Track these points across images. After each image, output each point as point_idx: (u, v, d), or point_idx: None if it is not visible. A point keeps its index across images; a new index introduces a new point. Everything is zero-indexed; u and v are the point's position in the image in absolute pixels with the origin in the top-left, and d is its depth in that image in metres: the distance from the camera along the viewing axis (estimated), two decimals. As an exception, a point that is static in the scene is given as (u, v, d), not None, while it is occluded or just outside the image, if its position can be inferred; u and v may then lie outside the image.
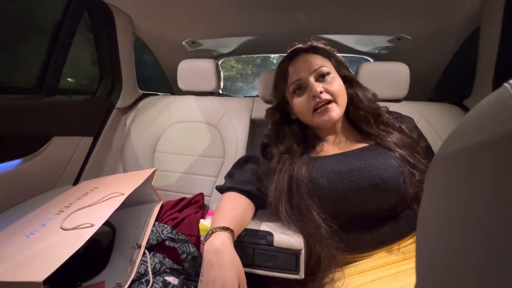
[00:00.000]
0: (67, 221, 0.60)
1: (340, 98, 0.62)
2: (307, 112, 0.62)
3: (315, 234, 0.52)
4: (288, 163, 0.60)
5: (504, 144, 0.12)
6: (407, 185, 0.53)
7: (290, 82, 0.64)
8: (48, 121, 0.88)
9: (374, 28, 1.14)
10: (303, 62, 0.63)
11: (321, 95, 0.60)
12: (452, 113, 0.93)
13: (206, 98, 1.13)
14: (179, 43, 1.31)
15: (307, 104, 0.62)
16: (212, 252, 0.45)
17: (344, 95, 0.63)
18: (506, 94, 0.14)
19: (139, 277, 0.65)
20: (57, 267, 0.46)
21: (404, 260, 0.53)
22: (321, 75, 0.62)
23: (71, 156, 0.98)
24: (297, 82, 0.63)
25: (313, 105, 0.61)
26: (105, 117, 1.10)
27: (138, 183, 0.74)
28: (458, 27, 0.98)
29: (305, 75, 0.62)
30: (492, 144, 0.13)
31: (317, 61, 0.63)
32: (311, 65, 0.62)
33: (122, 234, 0.78)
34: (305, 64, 0.63)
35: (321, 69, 0.62)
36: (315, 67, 0.62)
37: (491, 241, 0.13)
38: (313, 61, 0.63)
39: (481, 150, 0.14)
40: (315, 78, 0.62)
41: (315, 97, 0.60)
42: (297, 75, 0.63)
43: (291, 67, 0.65)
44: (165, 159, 1.06)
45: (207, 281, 0.41)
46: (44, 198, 0.80)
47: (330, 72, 0.63)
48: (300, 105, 0.63)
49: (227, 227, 0.49)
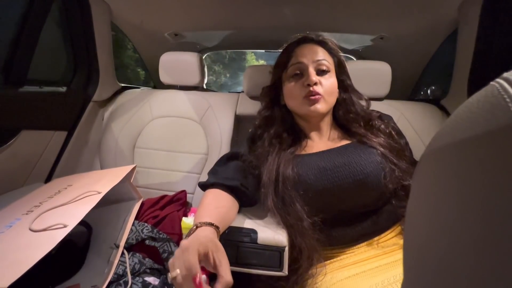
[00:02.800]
0: (36, 221, 0.56)
1: (330, 97, 0.63)
2: (297, 98, 0.63)
3: (297, 225, 0.53)
4: (277, 150, 0.61)
5: (495, 140, 0.13)
6: (387, 180, 0.55)
7: (290, 63, 0.65)
8: (15, 113, 0.82)
9: (358, 27, 1.15)
10: (309, 50, 0.64)
11: (315, 87, 0.61)
12: (430, 112, 0.97)
13: (190, 93, 1.10)
14: (161, 34, 1.26)
15: (299, 90, 0.63)
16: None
17: (335, 96, 0.65)
18: (495, 92, 0.14)
19: (117, 278, 0.62)
20: (24, 272, 0.43)
21: (384, 254, 0.55)
22: (320, 70, 0.63)
23: (42, 152, 0.92)
24: (297, 65, 0.64)
25: (304, 92, 0.62)
26: (80, 110, 1.04)
27: (117, 180, 0.71)
28: (437, 28, 1.02)
29: (307, 61, 0.63)
30: (482, 139, 0.13)
31: (321, 54, 0.64)
32: (315, 54, 0.63)
33: (99, 234, 0.75)
34: (309, 51, 0.64)
35: (322, 62, 0.63)
36: (318, 58, 0.63)
37: (477, 237, 0.13)
38: (318, 51, 0.64)
39: (469, 146, 0.14)
40: (314, 69, 0.63)
41: (308, 85, 0.61)
42: (299, 59, 0.64)
43: (296, 51, 0.65)
44: (145, 155, 1.02)
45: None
46: (11, 197, 0.74)
47: (330, 70, 0.64)
48: (292, 90, 0.64)
49: (212, 223, 0.48)
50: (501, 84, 0.14)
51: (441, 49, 1.10)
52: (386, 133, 0.65)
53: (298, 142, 0.65)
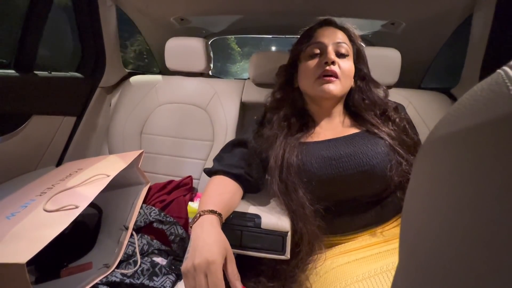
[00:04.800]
0: (50, 202, 0.58)
1: (346, 79, 0.62)
2: (311, 77, 0.62)
3: (299, 211, 0.54)
4: (284, 134, 0.61)
5: (494, 130, 0.12)
6: (393, 172, 0.54)
7: (310, 43, 0.64)
8: (26, 98, 0.83)
9: (369, 12, 1.11)
10: (330, 32, 0.64)
11: (332, 66, 0.60)
12: (440, 102, 0.94)
13: (195, 79, 1.09)
14: (167, 19, 1.24)
15: (316, 69, 0.62)
16: (199, 232, 0.46)
17: (350, 80, 0.64)
18: (499, 79, 0.13)
19: (127, 257, 0.65)
20: (41, 248, 0.45)
21: (385, 241, 0.56)
22: (340, 52, 0.62)
23: (53, 136, 0.94)
24: (316, 44, 0.63)
25: (320, 71, 0.61)
26: (88, 96, 1.05)
27: (124, 165, 0.73)
28: (451, 13, 0.98)
29: (327, 41, 0.62)
30: (483, 129, 0.13)
31: (342, 37, 0.63)
32: (336, 36, 0.63)
33: (108, 216, 0.78)
34: (331, 33, 0.64)
35: (342, 45, 0.62)
36: (339, 40, 0.63)
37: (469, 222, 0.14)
38: (339, 35, 0.64)
39: (471, 135, 0.14)
40: (334, 50, 0.62)
41: (326, 63, 0.60)
42: (319, 39, 0.63)
43: (318, 32, 0.65)
44: (152, 141, 1.04)
45: (193, 259, 0.42)
46: (25, 180, 0.77)
47: (349, 54, 0.63)
48: (308, 68, 0.63)
49: (215, 210, 0.49)
50: (506, 71, 0.13)
51: (453, 36, 1.06)
52: (400, 126, 0.63)
53: (305, 129, 0.64)
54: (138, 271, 0.62)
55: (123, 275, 0.60)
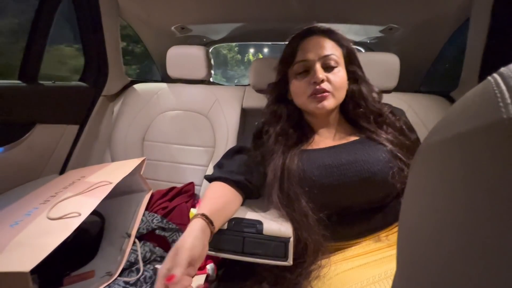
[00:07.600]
0: (53, 210, 0.59)
1: (338, 92, 0.61)
2: (303, 95, 0.62)
3: (302, 221, 0.53)
4: (283, 148, 0.60)
5: (481, 137, 0.13)
6: (395, 179, 0.54)
7: (296, 60, 0.62)
8: (30, 108, 0.85)
9: (366, 18, 1.13)
10: (315, 44, 0.61)
11: (322, 84, 0.59)
12: (439, 105, 0.95)
13: (197, 86, 1.11)
14: (168, 28, 1.27)
15: (305, 88, 0.61)
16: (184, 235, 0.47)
17: (344, 90, 0.63)
18: (489, 87, 0.14)
19: (129, 265, 0.65)
20: (44, 257, 0.46)
21: (389, 246, 0.55)
22: (328, 65, 0.60)
23: (56, 145, 0.95)
24: (303, 63, 0.61)
25: (310, 90, 0.60)
26: (91, 104, 1.06)
27: (127, 172, 0.73)
28: (448, 17, 0.99)
29: (313, 58, 0.60)
30: (472, 136, 0.14)
31: (328, 47, 0.61)
32: (321, 49, 0.60)
33: (111, 224, 0.78)
34: (316, 46, 0.61)
35: (330, 58, 0.60)
36: (325, 53, 0.60)
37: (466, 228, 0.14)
38: (325, 45, 0.61)
39: (461, 141, 0.14)
40: (321, 65, 0.60)
41: (315, 83, 0.59)
42: (304, 56, 0.61)
43: (302, 45, 0.62)
44: (154, 148, 1.05)
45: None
46: (29, 188, 0.78)
47: (338, 65, 0.61)
48: (299, 87, 0.62)
49: (205, 214, 0.49)
50: (495, 79, 0.14)
51: (451, 40, 1.07)
52: (397, 128, 0.62)
53: (304, 138, 0.64)
54: (141, 278, 0.62)
55: (126, 283, 0.60)
